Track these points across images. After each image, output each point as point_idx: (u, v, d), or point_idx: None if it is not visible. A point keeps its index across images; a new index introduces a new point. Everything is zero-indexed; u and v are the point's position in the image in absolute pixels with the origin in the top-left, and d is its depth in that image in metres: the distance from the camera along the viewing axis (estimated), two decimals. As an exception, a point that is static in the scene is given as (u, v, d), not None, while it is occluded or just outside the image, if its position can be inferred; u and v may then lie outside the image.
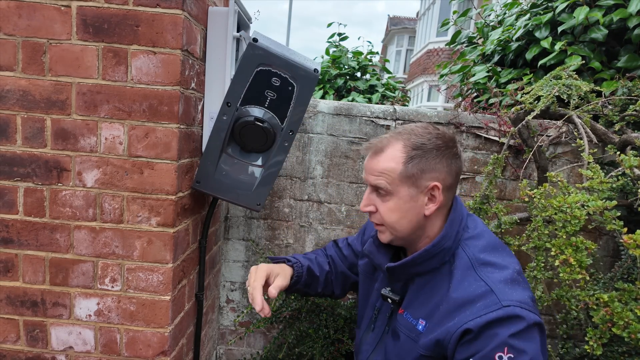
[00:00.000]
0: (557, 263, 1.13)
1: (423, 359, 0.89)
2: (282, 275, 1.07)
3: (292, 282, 1.13)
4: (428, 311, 0.91)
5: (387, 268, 0.98)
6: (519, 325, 0.79)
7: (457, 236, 0.93)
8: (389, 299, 1.00)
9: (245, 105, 1.16)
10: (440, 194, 0.91)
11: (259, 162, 1.25)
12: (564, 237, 1.15)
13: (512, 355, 0.77)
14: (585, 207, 1.15)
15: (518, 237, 1.42)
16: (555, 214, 1.18)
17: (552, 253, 1.15)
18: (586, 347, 1.16)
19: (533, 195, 1.27)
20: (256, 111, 1.17)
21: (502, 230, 1.51)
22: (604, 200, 1.17)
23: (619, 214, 1.19)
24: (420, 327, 0.92)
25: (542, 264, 1.31)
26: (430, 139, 0.91)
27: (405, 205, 0.91)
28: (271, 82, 1.14)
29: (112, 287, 1.16)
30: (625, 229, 1.10)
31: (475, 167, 1.78)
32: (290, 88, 1.15)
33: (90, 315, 1.18)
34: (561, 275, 1.12)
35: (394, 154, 0.91)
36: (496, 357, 0.77)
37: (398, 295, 0.99)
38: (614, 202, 1.12)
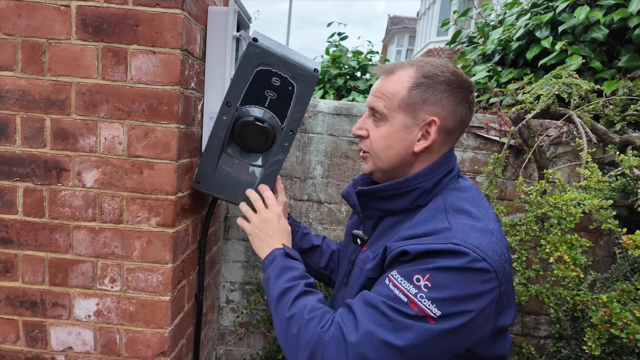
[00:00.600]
0: (551, 260, 1.13)
1: (369, 283, 0.84)
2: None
3: (289, 224, 1.18)
4: (385, 242, 0.86)
5: (357, 192, 0.92)
6: (457, 261, 0.71)
7: (439, 183, 0.86)
8: (358, 239, 0.96)
9: (245, 105, 1.16)
10: (435, 132, 0.84)
11: (259, 162, 1.24)
12: (559, 234, 1.15)
13: (429, 284, 0.70)
14: (581, 205, 1.15)
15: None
16: (551, 210, 1.18)
17: (547, 250, 1.15)
18: (584, 347, 1.16)
19: (529, 192, 1.27)
20: (256, 111, 1.16)
21: None
22: (601, 199, 1.17)
23: (614, 213, 1.19)
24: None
25: (525, 258, 1.32)
26: (445, 72, 0.84)
27: (397, 135, 0.85)
28: (271, 81, 1.14)
29: (112, 287, 1.16)
30: (625, 229, 1.10)
31: (476, 167, 1.78)
32: (290, 88, 1.15)
33: (89, 316, 1.17)
34: (555, 272, 1.12)
35: (402, 77, 0.85)
36: (414, 279, 0.72)
37: (367, 235, 0.95)
38: (610, 202, 1.13)
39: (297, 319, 0.81)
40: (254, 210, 1.09)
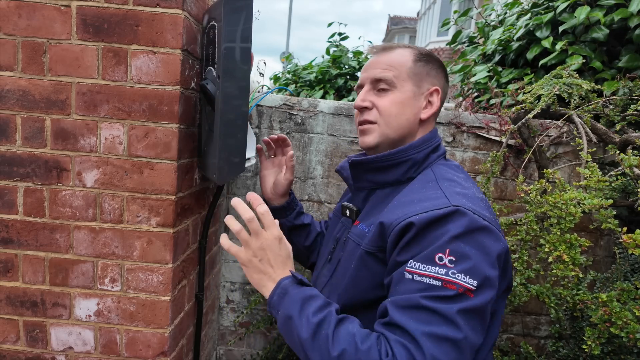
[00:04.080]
0: (550, 259, 1.13)
1: (366, 257, 0.83)
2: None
3: (280, 207, 1.20)
4: (380, 215, 0.85)
5: (350, 163, 0.94)
6: (464, 222, 0.72)
7: (429, 156, 0.90)
8: (347, 211, 0.96)
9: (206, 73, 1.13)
10: (439, 100, 0.92)
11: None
12: (558, 233, 1.15)
13: (453, 259, 0.69)
14: (581, 205, 1.15)
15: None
16: (551, 210, 1.18)
17: (546, 249, 1.15)
18: (584, 346, 1.16)
19: (529, 191, 1.27)
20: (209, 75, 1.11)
21: None
22: (601, 199, 1.17)
23: (614, 212, 1.19)
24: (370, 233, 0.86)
25: (526, 257, 1.32)
26: (432, 54, 0.94)
27: (408, 101, 0.90)
28: (210, 35, 1.09)
29: (112, 287, 1.16)
30: (625, 229, 1.10)
31: (476, 167, 1.78)
32: (215, 30, 1.06)
33: (90, 316, 1.18)
34: (554, 271, 1.12)
35: (403, 53, 0.92)
36: (436, 258, 0.70)
37: (358, 207, 0.95)
38: (610, 201, 1.12)
39: (352, 354, 0.71)
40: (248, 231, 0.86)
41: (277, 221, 0.89)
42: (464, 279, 0.69)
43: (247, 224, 0.81)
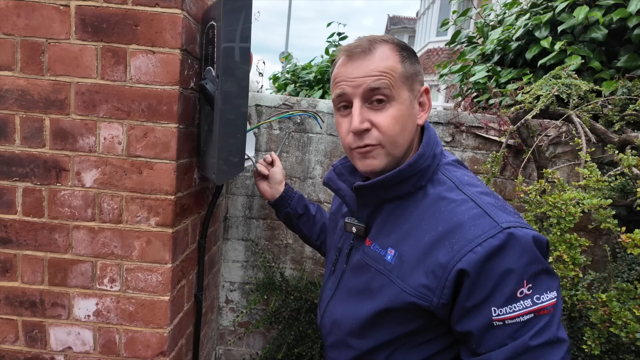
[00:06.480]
0: (550, 259, 1.13)
1: (401, 293, 0.74)
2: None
3: (281, 197, 1.31)
4: (398, 238, 0.78)
5: (354, 188, 0.83)
6: (525, 249, 0.67)
7: (435, 158, 0.81)
8: (353, 228, 0.86)
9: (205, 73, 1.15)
10: (428, 98, 0.82)
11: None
12: (558, 233, 1.15)
13: (531, 285, 0.66)
14: (581, 205, 1.16)
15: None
16: (550, 210, 1.18)
17: None
18: (584, 346, 1.16)
19: (529, 192, 1.27)
20: (208, 75, 1.12)
21: None
22: (600, 198, 1.17)
23: (613, 212, 1.19)
24: (388, 257, 0.78)
25: None
26: (409, 46, 0.82)
27: (407, 112, 0.78)
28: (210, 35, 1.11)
29: (111, 287, 1.16)
30: (624, 228, 1.10)
31: (475, 167, 1.78)
32: (215, 30, 1.06)
33: (89, 316, 1.17)
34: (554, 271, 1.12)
35: (386, 53, 0.77)
36: (518, 294, 0.66)
37: (363, 223, 0.86)
38: (609, 201, 1.13)
39: None
40: None
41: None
42: (546, 297, 0.67)
43: None
